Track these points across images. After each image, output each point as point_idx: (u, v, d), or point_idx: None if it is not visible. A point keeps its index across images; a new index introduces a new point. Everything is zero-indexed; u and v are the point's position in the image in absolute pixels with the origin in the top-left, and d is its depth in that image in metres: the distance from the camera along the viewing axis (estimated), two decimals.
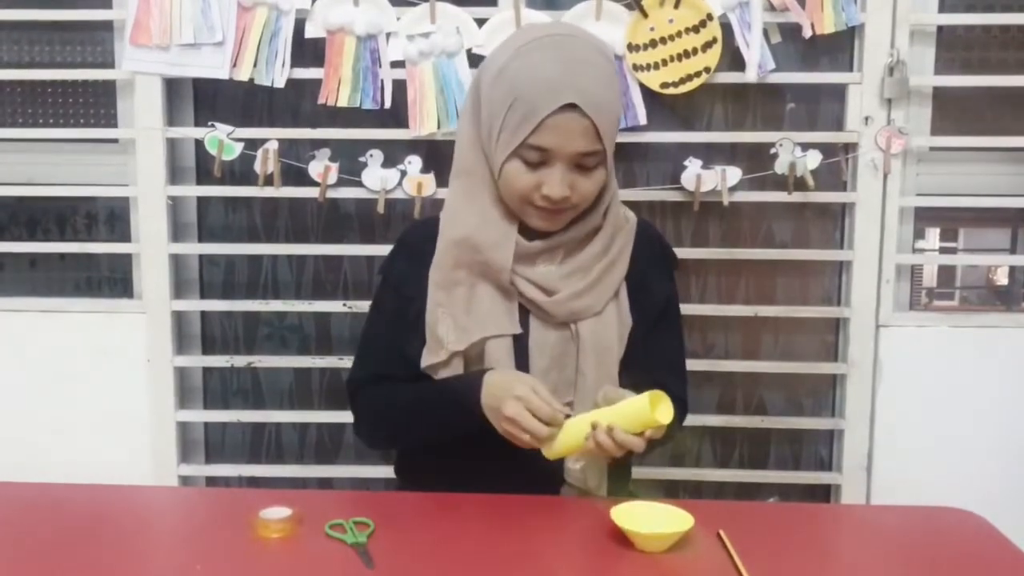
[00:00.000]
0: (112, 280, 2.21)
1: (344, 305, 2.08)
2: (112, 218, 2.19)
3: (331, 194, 2.01)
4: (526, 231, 1.37)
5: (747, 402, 2.19)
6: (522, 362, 1.36)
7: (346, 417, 2.13)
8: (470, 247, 1.35)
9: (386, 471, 2.06)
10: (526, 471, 1.29)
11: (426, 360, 1.37)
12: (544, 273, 1.37)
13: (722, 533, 1.16)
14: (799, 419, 2.14)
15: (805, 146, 1.98)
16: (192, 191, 2.09)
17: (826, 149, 1.99)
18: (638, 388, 1.27)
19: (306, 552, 1.11)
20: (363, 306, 2.06)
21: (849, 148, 2.01)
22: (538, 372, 1.35)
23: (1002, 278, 2.26)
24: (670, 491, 2.14)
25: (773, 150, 1.98)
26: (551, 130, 1.26)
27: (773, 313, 2.08)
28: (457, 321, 1.35)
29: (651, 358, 1.42)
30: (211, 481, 2.21)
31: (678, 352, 1.51)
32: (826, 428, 2.15)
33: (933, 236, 2.18)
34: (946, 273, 2.54)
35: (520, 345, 1.37)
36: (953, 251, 2.55)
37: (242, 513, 1.19)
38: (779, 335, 2.16)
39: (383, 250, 2.01)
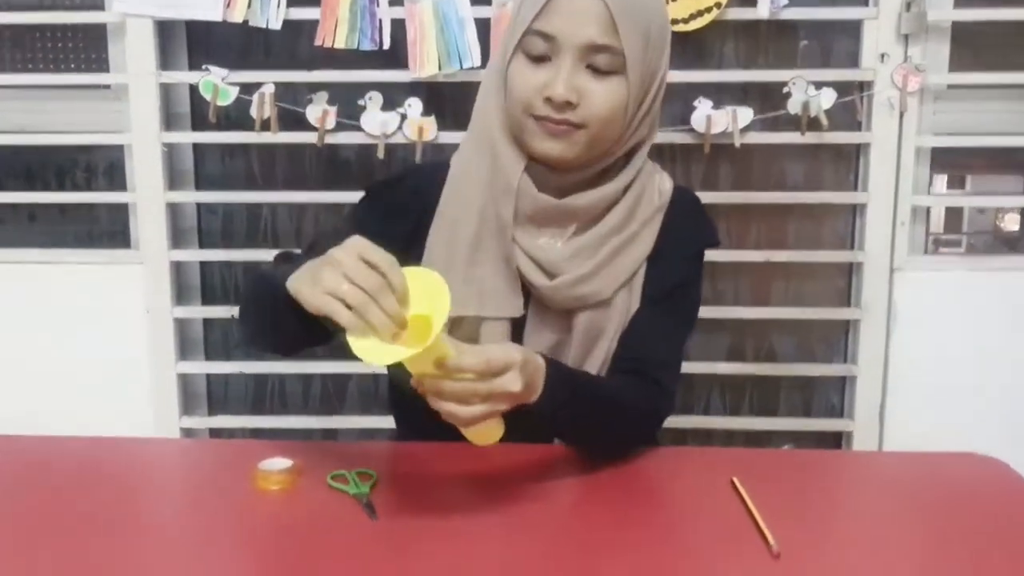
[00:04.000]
0: (112, 233, 2.15)
1: None
2: (111, 169, 2.13)
3: (330, 139, 1.96)
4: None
5: (757, 349, 2.15)
6: None
7: (350, 367, 2.11)
8: (476, 196, 1.21)
9: (392, 422, 2.03)
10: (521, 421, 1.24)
11: None
12: (547, 249, 1.20)
13: (736, 481, 1.12)
14: (810, 366, 2.10)
15: (819, 85, 1.91)
16: (187, 138, 2.04)
17: (841, 87, 1.92)
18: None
19: (307, 504, 1.08)
20: None
21: (864, 86, 1.94)
22: None
23: (1011, 224, 2.21)
24: (678, 439, 2.11)
25: (786, 89, 1.91)
26: (557, 13, 1.11)
27: (785, 258, 2.03)
28: (452, 288, 1.18)
29: (630, 333, 1.24)
30: (214, 433, 2.18)
31: (668, 336, 1.27)
32: (838, 375, 2.11)
33: (941, 183, 2.12)
34: (952, 220, 2.47)
35: (518, 328, 1.23)
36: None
37: (242, 464, 1.15)
38: (791, 280, 2.12)
39: None
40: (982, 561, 0.96)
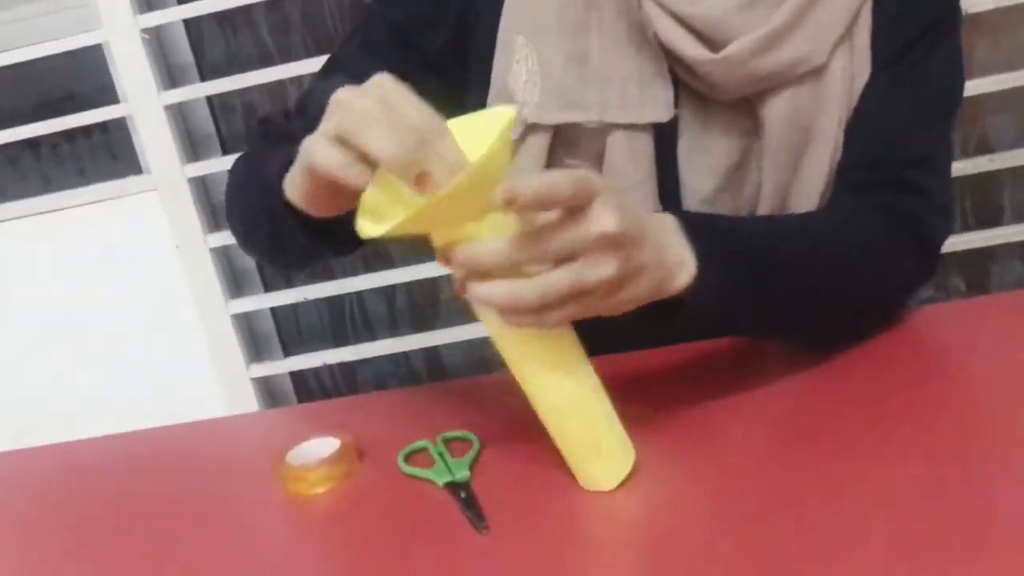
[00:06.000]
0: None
1: None
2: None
3: None
4: None
5: (965, 139, 1.59)
6: (669, 180, 0.77)
7: (437, 269, 1.66)
8: None
9: None
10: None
11: None
12: (700, 3, 0.72)
13: None
14: None
15: None
16: (171, 15, 1.57)
17: None
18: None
19: (367, 514, 0.64)
20: None
21: None
22: (695, 199, 0.77)
23: None
24: None
25: None
26: None
27: (990, 4, 1.45)
28: (554, 74, 0.74)
29: (859, 120, 0.76)
30: (295, 377, 1.80)
31: (926, 116, 0.78)
32: None
33: None
34: None
35: (664, 143, 0.76)
36: None
37: (271, 455, 0.72)
38: (999, 35, 1.54)
39: None
40: None
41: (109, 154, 1.76)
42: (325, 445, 0.69)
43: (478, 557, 0.57)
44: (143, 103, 1.57)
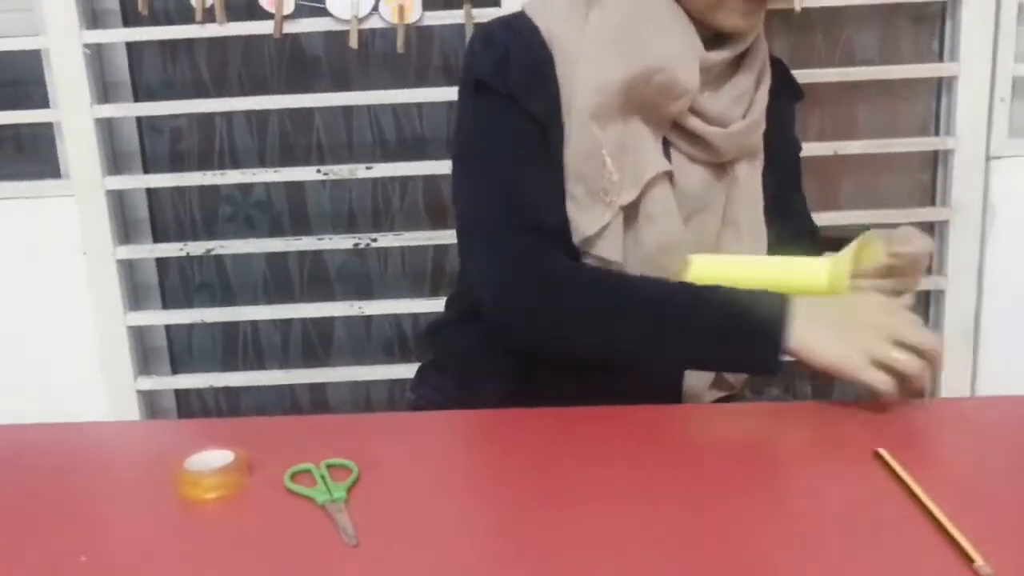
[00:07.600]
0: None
1: (318, 171, 1.66)
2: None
3: (290, 28, 1.58)
4: None
5: None
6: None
7: (335, 310, 1.75)
8: (647, 72, 0.97)
9: (399, 370, 1.70)
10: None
11: (585, 225, 0.97)
12: (709, 98, 1.02)
13: (883, 452, 0.77)
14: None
15: None
16: (114, 36, 1.65)
17: None
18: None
19: (253, 521, 0.73)
20: (341, 172, 1.65)
21: None
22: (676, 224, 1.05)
23: None
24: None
25: None
26: None
27: (856, 150, 1.66)
28: (618, 163, 0.99)
29: (796, 217, 1.18)
30: (180, 395, 1.86)
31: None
32: (922, 289, 1.76)
33: None
34: None
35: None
36: None
37: (168, 460, 0.80)
38: (863, 177, 1.75)
39: (361, 99, 1.62)
40: None
41: (15, 146, 1.80)
42: (221, 456, 0.78)
43: (346, 568, 0.66)
44: (74, 113, 1.63)
